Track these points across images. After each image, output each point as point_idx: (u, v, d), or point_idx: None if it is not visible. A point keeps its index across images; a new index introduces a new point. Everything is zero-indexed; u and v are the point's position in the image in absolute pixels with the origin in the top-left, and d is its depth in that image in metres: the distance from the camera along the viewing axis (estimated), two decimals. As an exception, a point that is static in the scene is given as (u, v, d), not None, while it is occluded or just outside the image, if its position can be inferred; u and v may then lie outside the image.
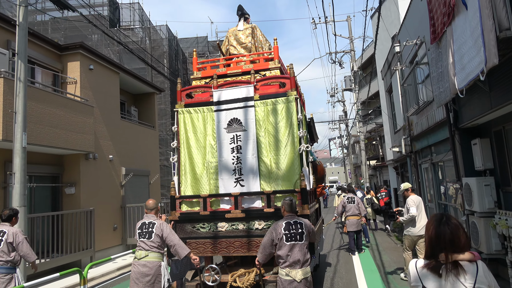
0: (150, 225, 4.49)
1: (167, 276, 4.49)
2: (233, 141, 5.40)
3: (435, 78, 6.31)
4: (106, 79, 11.86)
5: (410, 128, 10.59)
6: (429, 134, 8.73)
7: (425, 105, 8.59)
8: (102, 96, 11.58)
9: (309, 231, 4.13)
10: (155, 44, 24.86)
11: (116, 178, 11.90)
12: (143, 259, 4.38)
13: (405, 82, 9.79)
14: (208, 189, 5.43)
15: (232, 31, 6.56)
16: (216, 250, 5.15)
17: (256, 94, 5.40)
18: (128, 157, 12.67)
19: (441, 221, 1.91)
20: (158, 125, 24.12)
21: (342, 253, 9.87)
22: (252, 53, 6.20)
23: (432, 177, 9.13)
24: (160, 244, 4.48)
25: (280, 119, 5.26)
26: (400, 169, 13.75)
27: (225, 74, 5.91)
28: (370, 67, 25.95)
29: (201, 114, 5.57)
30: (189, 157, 5.55)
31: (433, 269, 1.86)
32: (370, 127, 26.94)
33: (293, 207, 4.20)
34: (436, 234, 1.88)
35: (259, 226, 5.09)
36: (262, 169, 5.28)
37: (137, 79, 13.75)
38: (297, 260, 3.91)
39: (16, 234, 4.98)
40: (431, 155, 9.12)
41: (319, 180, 8.18)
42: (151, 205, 4.72)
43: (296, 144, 5.17)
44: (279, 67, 5.78)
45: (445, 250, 1.84)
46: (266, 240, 4.09)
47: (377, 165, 23.71)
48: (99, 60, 11.49)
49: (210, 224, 5.25)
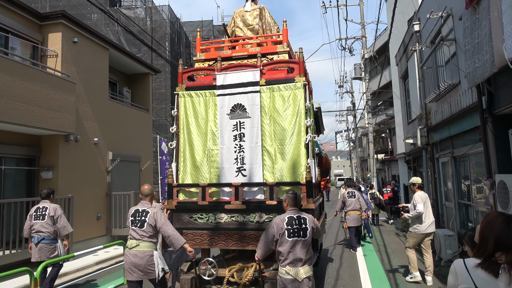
0: (143, 213, 4.26)
1: (161, 265, 4.27)
2: (236, 128, 5.11)
3: (469, 51, 5.17)
4: (93, 55, 10.81)
5: (427, 117, 9.44)
6: (452, 123, 7.60)
7: (448, 89, 7.44)
8: (88, 73, 10.54)
9: (313, 227, 3.83)
10: (156, 25, 23.72)
11: (101, 163, 10.93)
12: (134, 248, 4.17)
13: (425, 64, 8.62)
14: (208, 177, 5.17)
15: (238, 11, 6.18)
16: (214, 243, 4.90)
17: (262, 79, 5.09)
18: (116, 141, 11.67)
19: (511, 221, 1.81)
20: (157, 110, 23.19)
21: (346, 254, 8.84)
22: (259, 35, 5.85)
23: (452, 173, 8.02)
24: (152, 234, 4.25)
25: (286, 106, 4.98)
26: (412, 163, 12.62)
27: (230, 57, 5.56)
28: (382, 56, 24.64)
29: (203, 98, 5.29)
30: (189, 144, 5.29)
31: (491, 269, 1.76)
32: (380, 119, 25.72)
33: (297, 201, 3.93)
34: (508, 236, 1.77)
35: (260, 219, 4.81)
36: (266, 159, 5.02)
37: (130, 57, 12.68)
38: (299, 258, 3.65)
39: (55, 209, 5.78)
40: (452, 147, 7.99)
41: (324, 173, 7.86)
42: (146, 191, 4.47)
43: (303, 133, 4.88)
44: (288, 51, 5.45)
45: (510, 251, 1.75)
46: (267, 235, 3.83)
47: (386, 158, 22.57)
48: (85, 33, 10.42)
49: (209, 215, 4.99)
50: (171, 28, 24.66)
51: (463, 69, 5.90)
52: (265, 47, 5.61)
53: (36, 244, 5.62)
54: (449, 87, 7.26)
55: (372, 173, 20.37)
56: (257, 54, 5.28)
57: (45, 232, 5.64)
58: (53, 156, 9.30)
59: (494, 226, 1.82)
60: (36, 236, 5.65)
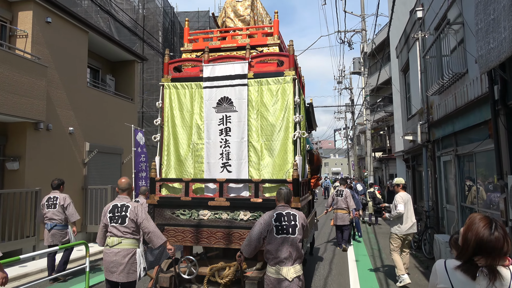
0: (123, 208, 3.97)
1: (143, 264, 4.05)
2: (222, 122, 4.96)
3: (481, 30, 4.40)
4: (69, 38, 10.00)
5: (429, 111, 8.69)
6: (456, 118, 6.84)
7: (454, 79, 6.68)
8: (63, 57, 9.74)
9: (303, 224, 3.66)
10: (148, 13, 22.86)
11: (77, 155, 10.15)
12: (115, 246, 3.88)
13: (428, 53, 7.85)
14: (193, 172, 5.03)
15: (230, 2, 5.97)
16: (196, 240, 4.75)
17: (250, 72, 4.92)
18: (95, 131, 10.88)
19: (493, 226, 1.76)
20: (148, 101, 22.37)
21: (336, 259, 8.11)
22: (250, 26, 5.66)
23: (456, 173, 7.27)
24: (135, 230, 3.99)
25: (275, 101, 4.84)
26: (411, 161, 11.87)
27: (219, 48, 5.40)
28: (382, 53, 23.85)
29: (189, 90, 5.15)
30: (174, 137, 5.15)
31: (469, 272, 1.75)
32: (378, 116, 24.98)
33: (288, 197, 3.75)
34: (489, 239, 1.73)
35: (244, 217, 4.65)
36: (252, 155, 4.88)
37: (113, 43, 11.86)
38: (288, 256, 3.47)
39: (65, 198, 6.47)
40: (455, 144, 7.24)
41: (314, 171, 7.62)
42: (123, 184, 4.14)
43: (291, 129, 4.75)
44: (278, 44, 5.25)
45: (490, 255, 1.73)
46: (254, 232, 3.64)
47: (383, 157, 21.85)
48: (61, 13, 9.60)
49: (192, 211, 4.84)
50: (165, 17, 23.81)
51: (473, 54, 5.14)
52: (255, 38, 5.40)
53: (49, 230, 6.33)
54: (455, 77, 6.50)
55: (369, 171, 19.65)
56: (246, 46, 5.06)
57: (56, 219, 6.35)
58: (20, 145, 8.52)
59: (476, 229, 1.80)
60: (49, 223, 6.35)
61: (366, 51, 20.05)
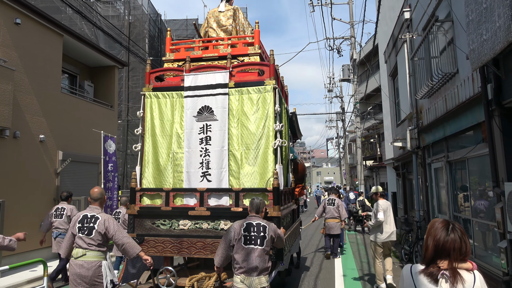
0: (92, 220, 3.87)
1: (110, 276, 3.91)
2: (202, 131, 4.98)
3: (473, 22, 4.00)
4: (41, 40, 9.47)
5: (418, 116, 8.29)
6: (447, 122, 6.43)
7: (443, 80, 6.28)
8: (35, 61, 9.20)
9: (272, 237, 3.68)
10: (135, 20, 22.42)
11: (49, 164, 9.54)
12: (79, 258, 3.78)
13: (416, 54, 7.47)
14: (172, 182, 5.03)
15: (212, 12, 6.08)
16: (176, 250, 4.72)
17: (231, 81, 5.00)
18: (69, 139, 10.29)
19: (449, 228, 1.83)
20: (133, 109, 21.79)
21: (323, 274, 7.58)
22: (231, 36, 5.78)
23: (447, 181, 6.83)
24: (101, 242, 3.86)
25: (255, 109, 4.89)
26: (401, 169, 11.44)
27: (201, 58, 5.49)
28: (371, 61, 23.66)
29: (170, 99, 5.17)
30: (153, 146, 5.13)
31: (431, 275, 1.79)
32: (369, 124, 24.68)
33: (256, 208, 3.81)
34: (446, 241, 1.80)
35: (225, 227, 4.66)
36: (232, 163, 4.89)
37: (90, 47, 11.34)
38: (254, 267, 3.51)
39: (72, 209, 6.82)
40: (447, 150, 6.82)
41: (299, 180, 7.53)
42: (96, 194, 4.04)
43: (271, 138, 4.79)
44: (259, 53, 5.37)
45: (449, 257, 1.79)
46: (224, 241, 3.73)
47: (374, 165, 21.47)
48: (32, 15, 9.09)
49: (172, 221, 4.83)
50: (151, 25, 23.40)
51: (464, 50, 4.74)
52: (236, 48, 5.49)
53: (55, 238, 6.75)
54: (445, 78, 6.10)
55: (360, 180, 19.22)
56: (227, 56, 5.14)
57: (62, 228, 6.71)
58: (-17, 154, 7.93)
59: (434, 232, 1.85)
60: (55, 231, 6.75)
61: (355, 58, 19.79)
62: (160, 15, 24.69)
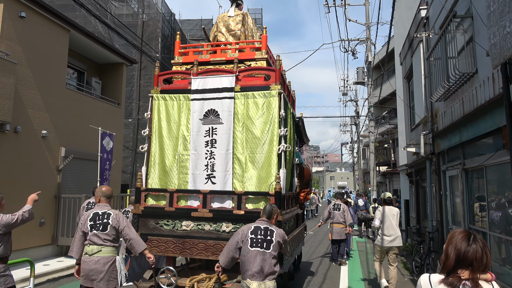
0: (105, 216, 4.00)
1: (123, 270, 4.05)
2: (208, 134, 5.05)
3: (494, 13, 3.57)
4: (47, 35, 9.35)
5: (433, 120, 7.80)
6: (464, 126, 5.96)
7: (461, 82, 5.82)
8: (39, 56, 9.08)
9: (279, 242, 3.66)
10: (148, 19, 22.38)
11: (50, 160, 9.39)
12: (95, 254, 3.87)
13: (432, 54, 7.00)
14: (177, 183, 5.12)
15: (221, 17, 6.19)
16: (178, 251, 4.81)
17: (237, 85, 5.07)
18: (73, 135, 10.13)
19: (471, 238, 1.84)
20: (144, 108, 21.72)
21: (327, 285, 7.15)
22: (239, 41, 5.84)
23: (463, 190, 6.34)
24: (116, 237, 4.02)
25: (260, 114, 4.94)
26: (415, 176, 10.91)
27: (208, 62, 5.55)
28: (387, 65, 23.04)
29: (177, 102, 5.25)
30: (160, 148, 5.22)
31: (452, 285, 1.79)
32: (383, 129, 24.04)
33: (268, 213, 3.80)
34: (467, 251, 1.81)
35: (226, 229, 4.71)
36: (236, 167, 4.95)
37: (97, 43, 11.21)
38: (259, 270, 3.46)
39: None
40: (463, 157, 6.33)
41: (304, 185, 7.54)
42: (107, 192, 4.19)
43: (275, 143, 4.83)
44: (266, 58, 5.42)
45: (471, 267, 1.79)
46: (231, 242, 3.72)
47: (387, 171, 20.83)
48: (37, 8, 8.97)
49: (175, 222, 4.92)
50: (165, 24, 23.33)
51: (484, 46, 4.29)
52: (244, 53, 5.55)
53: None
54: (462, 79, 5.64)
55: (372, 186, 18.63)
56: (234, 60, 5.20)
57: None
58: (-18, 148, 7.81)
59: (455, 242, 1.85)
60: None
61: (370, 60, 19.25)
62: (174, 15, 24.60)
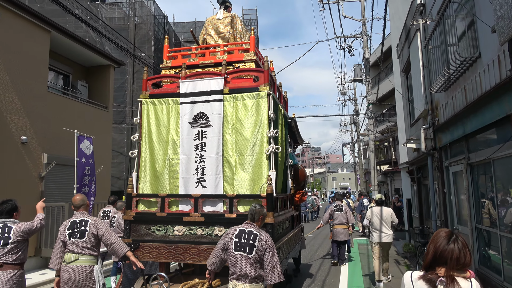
0: (83, 223, 3.92)
1: (102, 280, 3.95)
2: (197, 138, 5.03)
3: (500, -20, 3.09)
4: (25, 36, 8.91)
5: (434, 114, 7.31)
6: (467, 117, 5.47)
7: (462, 69, 5.34)
8: (17, 58, 8.64)
9: (264, 248, 3.50)
10: (140, 22, 21.98)
11: (32, 167, 8.92)
12: (72, 263, 3.81)
13: (429, 42, 6.54)
14: (168, 188, 5.08)
15: (210, 19, 6.18)
16: (171, 256, 4.77)
17: (226, 88, 5.06)
18: (57, 141, 9.67)
19: (451, 238, 1.90)
20: (136, 113, 21.32)
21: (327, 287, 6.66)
22: (227, 43, 5.89)
23: (468, 187, 5.84)
24: (94, 245, 3.93)
25: (249, 116, 4.93)
26: (416, 174, 10.40)
27: (197, 65, 5.57)
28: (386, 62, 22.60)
29: (166, 106, 5.22)
30: (150, 152, 5.20)
31: (429, 281, 1.87)
32: (383, 127, 23.55)
33: (251, 216, 3.70)
34: (444, 249, 1.87)
35: (219, 233, 4.66)
36: (226, 170, 4.94)
37: (81, 44, 10.77)
38: (244, 274, 3.44)
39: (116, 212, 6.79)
40: (467, 151, 5.84)
41: (299, 186, 7.43)
42: (77, 201, 4.14)
43: (265, 144, 4.82)
44: (255, 60, 5.44)
45: (447, 265, 1.85)
46: (218, 244, 3.70)
47: (389, 170, 20.33)
48: (14, 8, 8.54)
49: (167, 227, 4.89)
50: (158, 27, 22.93)
51: (488, 23, 3.81)
52: (232, 55, 5.56)
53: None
54: (464, 65, 5.16)
55: (373, 185, 18.14)
56: (222, 62, 5.19)
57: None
58: (-46, 156, 7.35)
59: (435, 241, 1.91)
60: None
61: (367, 57, 18.80)
62: (166, 17, 24.21)
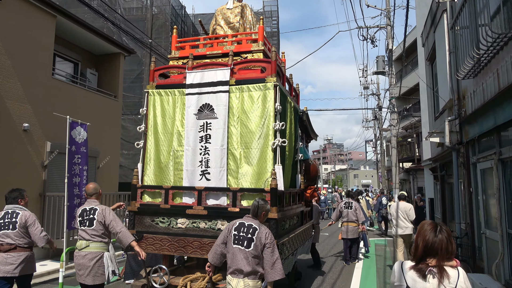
0: (91, 211, 4.05)
1: (111, 267, 4.02)
2: (202, 129, 4.93)
3: None
4: (29, 21, 8.65)
5: (460, 104, 6.55)
6: (500, 106, 4.74)
7: (494, 49, 4.60)
8: (20, 43, 8.40)
9: (262, 243, 3.40)
10: (158, 11, 21.72)
11: (34, 156, 8.70)
12: (83, 249, 3.98)
13: (456, 22, 5.78)
14: (172, 180, 5.03)
15: (220, 9, 6.10)
16: (173, 249, 4.72)
17: (232, 78, 4.92)
18: (61, 129, 9.35)
19: (437, 229, 2.01)
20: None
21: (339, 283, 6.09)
22: (235, 33, 5.75)
23: (500, 186, 5.10)
24: (104, 232, 4.05)
25: (255, 108, 4.79)
26: (440, 171, 9.58)
27: (205, 55, 5.49)
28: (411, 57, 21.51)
29: (172, 97, 5.18)
30: (155, 144, 5.16)
31: (420, 271, 1.98)
32: (406, 123, 22.48)
33: (253, 211, 3.60)
34: (434, 241, 1.98)
35: (222, 227, 4.56)
36: (231, 162, 4.83)
37: (89, 30, 10.46)
38: (240, 269, 3.37)
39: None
40: (499, 145, 5.10)
41: (310, 181, 7.18)
42: (90, 189, 4.22)
43: (271, 137, 4.66)
44: (263, 50, 5.28)
45: (436, 255, 1.97)
46: (219, 237, 3.66)
47: (411, 167, 19.35)
48: (17, -9, 8.29)
49: (170, 219, 4.85)
50: (175, 18, 22.62)
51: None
52: (240, 45, 5.45)
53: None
54: (497, 43, 4.42)
55: (395, 183, 17.25)
56: (229, 53, 5.08)
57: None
58: (-48, 142, 7.16)
59: (423, 234, 2.03)
60: None
61: (391, 48, 17.81)
62: (184, 7, 23.87)
